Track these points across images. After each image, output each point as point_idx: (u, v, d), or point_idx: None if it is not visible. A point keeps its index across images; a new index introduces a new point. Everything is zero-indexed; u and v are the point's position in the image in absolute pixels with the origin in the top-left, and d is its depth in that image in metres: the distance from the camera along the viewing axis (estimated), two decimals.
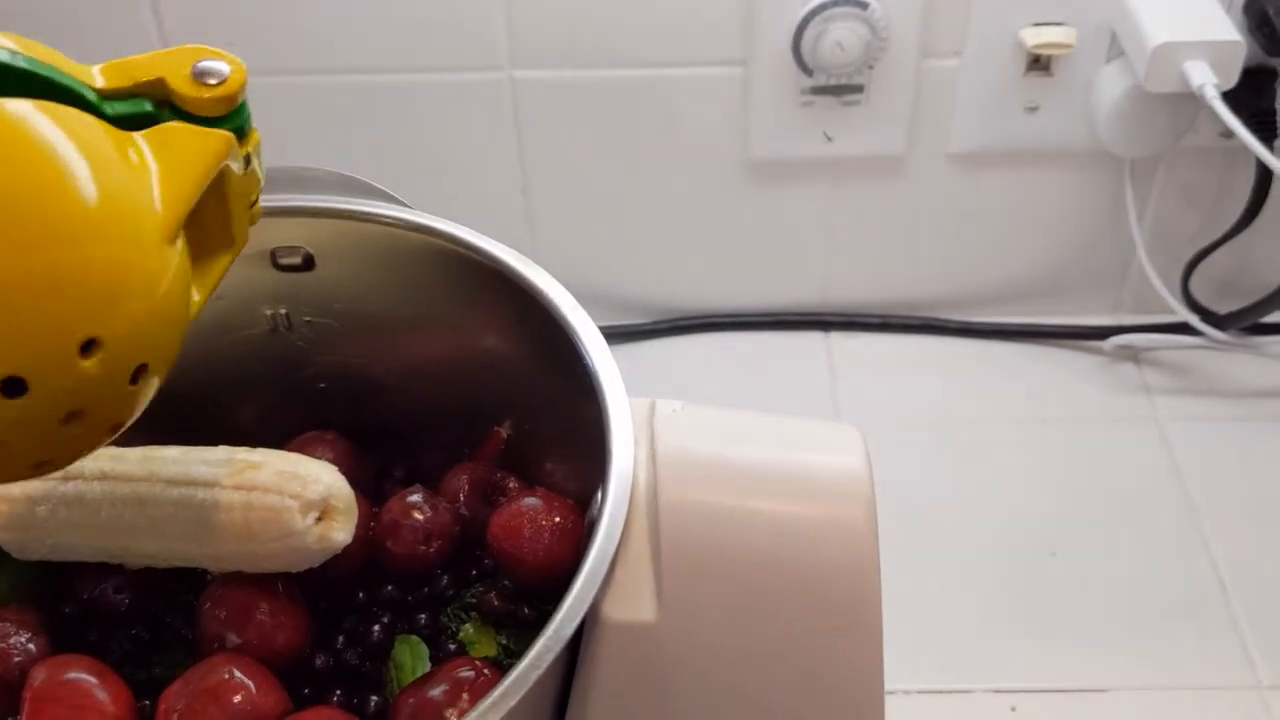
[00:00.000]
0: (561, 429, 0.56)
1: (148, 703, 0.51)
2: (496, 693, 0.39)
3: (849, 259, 1.06)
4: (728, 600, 0.42)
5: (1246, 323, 1.00)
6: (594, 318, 0.50)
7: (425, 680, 0.48)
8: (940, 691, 0.85)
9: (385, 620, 0.54)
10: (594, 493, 0.52)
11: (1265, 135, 0.88)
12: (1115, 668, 0.87)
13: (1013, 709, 0.85)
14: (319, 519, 0.49)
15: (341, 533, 0.49)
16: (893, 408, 1.03)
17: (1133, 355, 1.07)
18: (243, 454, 0.51)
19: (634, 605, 0.43)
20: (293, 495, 0.48)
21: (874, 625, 0.41)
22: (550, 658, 0.39)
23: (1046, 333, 1.07)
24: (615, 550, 0.42)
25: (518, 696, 0.38)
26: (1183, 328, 1.02)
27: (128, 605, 0.55)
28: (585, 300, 0.50)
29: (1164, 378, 1.05)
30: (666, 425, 0.45)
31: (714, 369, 1.06)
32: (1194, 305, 1.02)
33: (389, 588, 0.54)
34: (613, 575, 0.43)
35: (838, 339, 1.09)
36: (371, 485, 0.60)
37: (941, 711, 0.85)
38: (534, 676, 0.39)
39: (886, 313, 1.08)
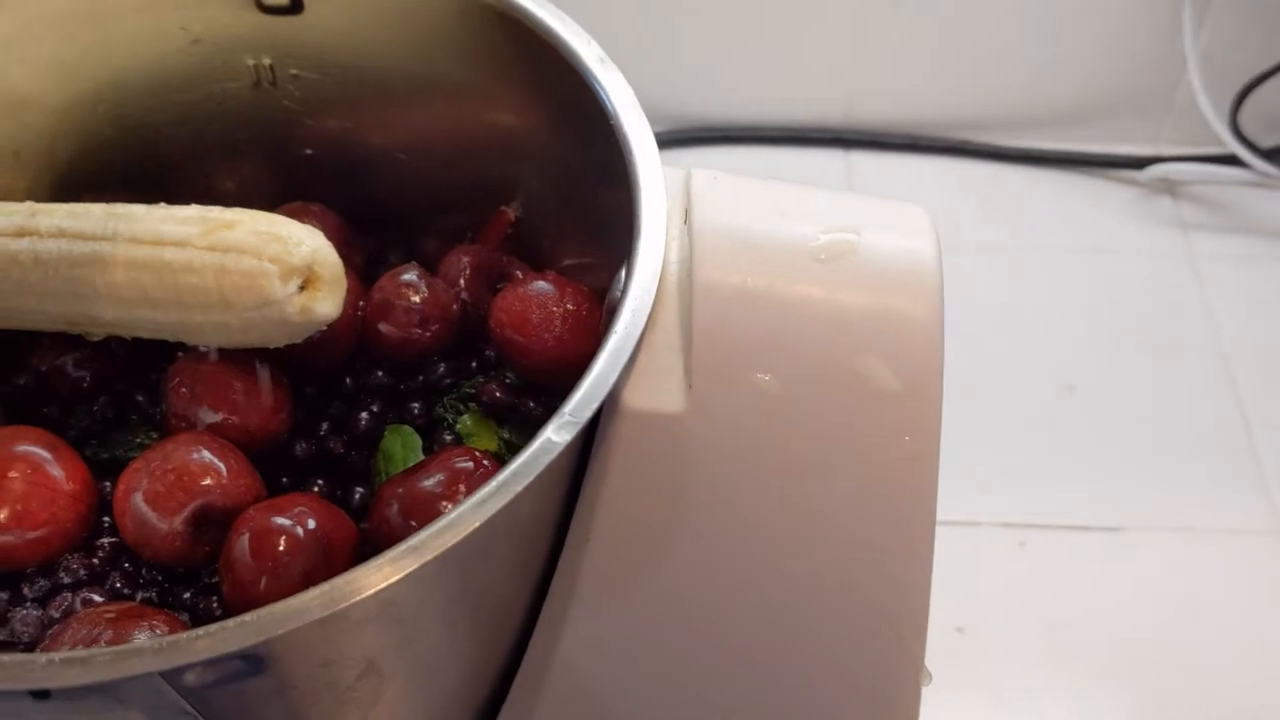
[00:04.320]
0: (578, 212, 0.50)
1: (108, 485, 0.46)
2: (502, 475, 0.34)
3: (877, 73, 0.99)
4: (766, 395, 0.37)
5: None
6: None
7: (417, 469, 0.43)
8: (946, 523, 0.81)
9: (375, 408, 0.49)
10: (612, 283, 0.46)
11: None
12: (1131, 507, 0.83)
13: (1021, 544, 0.81)
14: (301, 287, 0.43)
15: (326, 304, 0.44)
16: None
17: (1170, 188, 1.01)
18: (216, 212, 0.45)
19: (659, 394, 0.38)
20: (272, 259, 0.43)
21: (932, 434, 0.37)
22: (563, 443, 0.34)
23: (1080, 160, 1.01)
24: (642, 331, 0.37)
25: (524, 483, 0.34)
26: (1227, 160, 0.96)
27: (89, 382, 0.50)
28: None
29: (1201, 213, 1.00)
30: (705, 195, 0.39)
31: None
32: (1241, 137, 0.96)
33: (379, 374, 0.49)
34: (636, 360, 0.38)
35: (859, 159, 1.02)
36: (364, 271, 0.54)
37: (946, 543, 0.81)
38: (544, 462, 0.34)
39: (913, 133, 1.01)
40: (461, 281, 0.51)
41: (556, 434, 0.35)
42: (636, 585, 0.39)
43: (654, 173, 0.40)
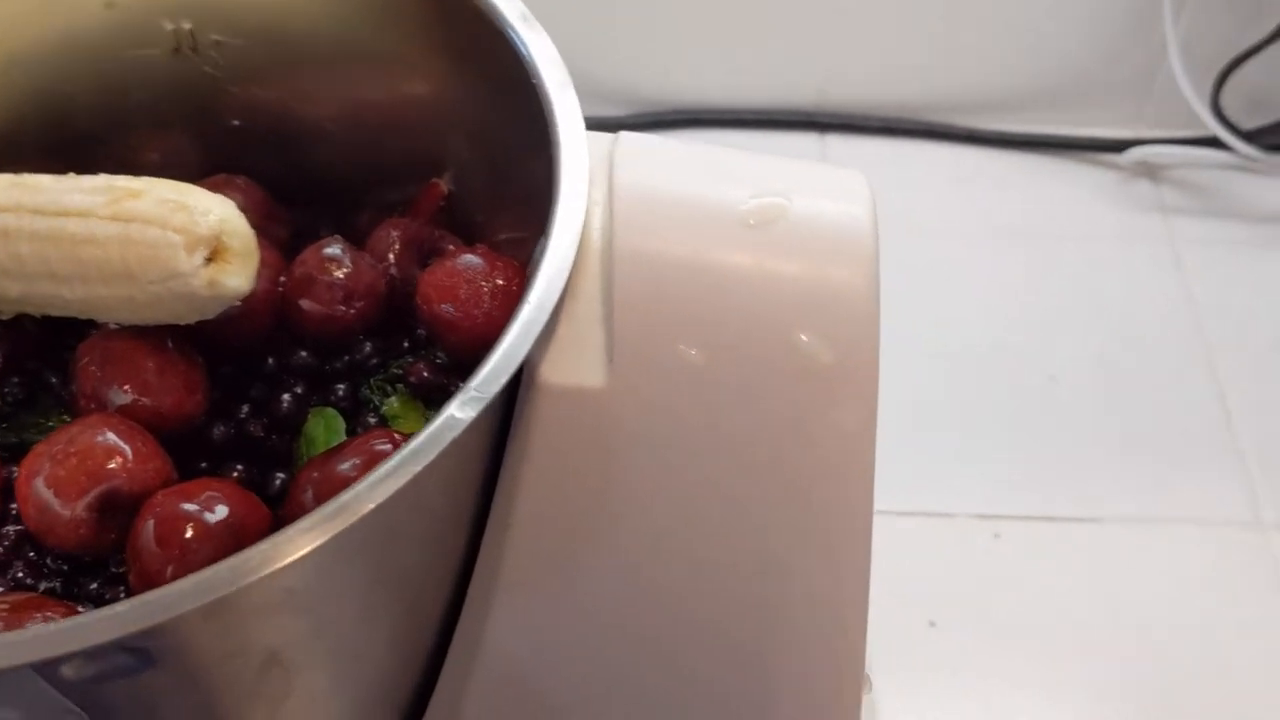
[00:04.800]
0: (509, 183, 0.48)
1: (15, 470, 0.43)
2: (401, 454, 0.31)
3: (852, 53, 0.97)
4: (692, 369, 0.35)
5: (1278, 140, 0.92)
6: None
7: (334, 453, 0.41)
8: (919, 514, 0.79)
9: (298, 390, 0.46)
10: (534, 254, 0.44)
11: None
12: (1109, 498, 0.81)
13: (996, 535, 0.79)
14: (209, 259, 0.41)
15: (236, 278, 0.41)
16: (890, 218, 0.95)
17: (1150, 172, 0.99)
18: (123, 181, 0.42)
19: (579, 368, 0.35)
20: (177, 229, 0.40)
21: (868, 410, 0.34)
22: (467, 420, 0.32)
23: (1059, 144, 0.99)
24: (558, 301, 0.34)
25: (424, 462, 0.31)
26: (1209, 142, 0.94)
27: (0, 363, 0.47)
28: None
29: (1182, 197, 0.97)
30: (629, 158, 0.37)
31: None
32: (1223, 119, 0.93)
33: (303, 354, 0.47)
34: (554, 332, 0.36)
35: (834, 142, 1.00)
36: (290, 246, 0.51)
37: (919, 535, 0.79)
38: (446, 439, 0.32)
39: (889, 116, 0.99)
40: (391, 256, 0.48)
41: (460, 410, 0.32)
42: (562, 569, 0.37)
43: (575, 132, 0.38)
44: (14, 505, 0.43)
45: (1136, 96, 0.98)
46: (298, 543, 0.30)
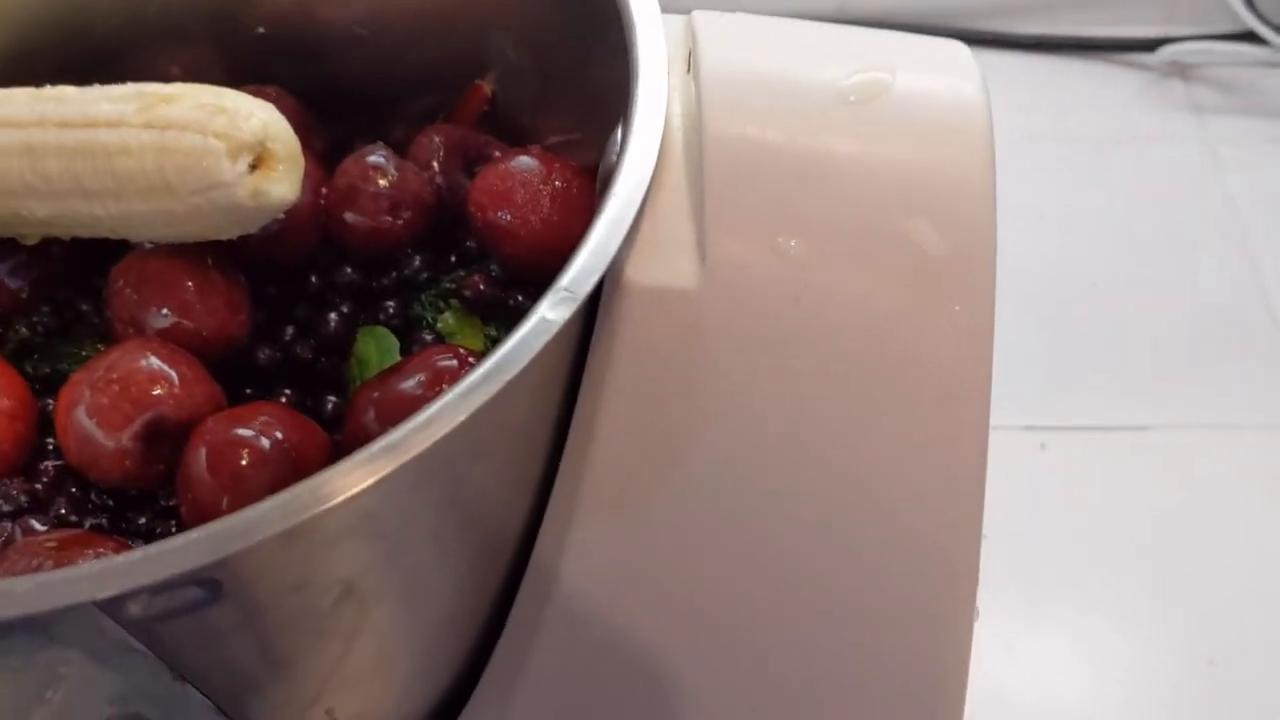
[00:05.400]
0: (562, 82, 0.45)
1: (50, 402, 0.41)
2: (490, 361, 0.29)
3: None
4: (792, 264, 0.32)
5: None
6: None
7: (394, 371, 0.39)
8: None
9: (345, 309, 0.44)
10: (607, 147, 0.41)
11: None
12: (1156, 405, 0.79)
13: (1042, 446, 0.77)
14: (253, 166, 0.38)
15: (282, 185, 0.39)
16: None
17: (1182, 71, 0.95)
18: (154, 87, 0.39)
19: (668, 268, 0.32)
20: (218, 134, 0.37)
21: (986, 304, 0.32)
22: (560, 321, 0.30)
23: (1088, 44, 0.96)
24: (645, 194, 0.32)
25: (517, 369, 0.29)
26: (1244, 37, 0.91)
27: (28, 291, 0.44)
28: None
29: (1216, 96, 0.94)
30: (712, 36, 0.34)
31: None
32: (1257, 12, 0.90)
33: (348, 270, 0.44)
34: (639, 229, 0.33)
35: None
36: (326, 160, 0.48)
37: None
38: (539, 344, 0.29)
39: (912, 22, 0.96)
40: (435, 164, 0.45)
41: (552, 311, 0.30)
42: (649, 490, 0.34)
43: (650, 12, 0.34)
44: (50, 439, 0.41)
45: None
46: (383, 460, 0.27)
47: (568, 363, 0.35)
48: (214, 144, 0.37)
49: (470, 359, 0.38)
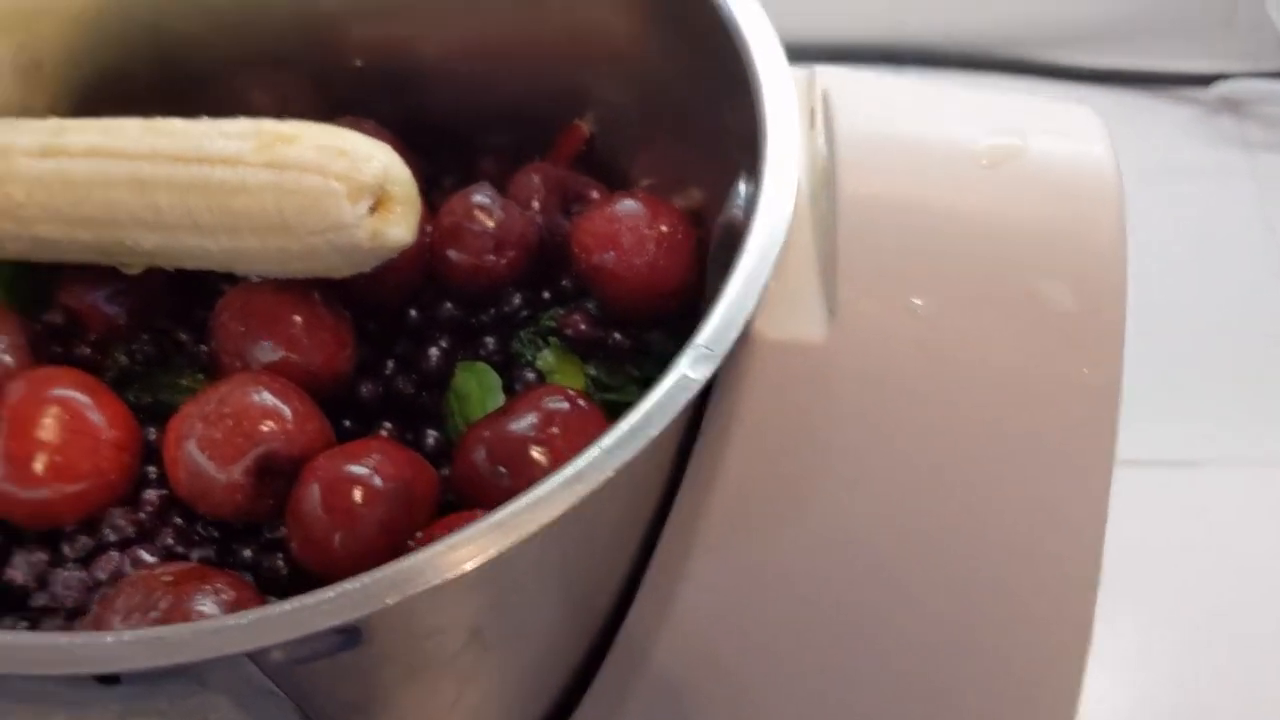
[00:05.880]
0: (664, 125, 0.45)
1: (153, 431, 0.41)
2: (634, 417, 0.29)
3: None
4: (922, 321, 0.32)
5: None
6: None
7: (505, 412, 0.39)
8: None
9: (444, 344, 0.44)
10: (711, 202, 0.42)
11: None
12: (1206, 441, 0.79)
13: None
14: (372, 209, 0.38)
15: (400, 228, 0.39)
16: None
17: (1234, 107, 0.96)
18: (271, 125, 0.40)
19: (797, 321, 0.33)
20: (338, 176, 0.38)
21: (1114, 364, 0.32)
22: (701, 380, 0.30)
23: (1140, 77, 0.96)
24: (780, 251, 0.32)
25: (661, 426, 0.29)
26: None
27: (126, 319, 0.45)
28: None
29: (1267, 132, 0.95)
30: (842, 94, 0.34)
31: None
32: None
33: (448, 305, 0.44)
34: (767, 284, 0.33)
35: (911, 76, 0.97)
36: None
37: None
38: (681, 401, 0.29)
39: (966, 50, 0.96)
40: (535, 203, 0.46)
41: (693, 369, 0.30)
42: (766, 534, 0.34)
43: (779, 73, 0.35)
44: (152, 469, 0.41)
45: (1221, 28, 0.95)
46: (541, 511, 0.28)
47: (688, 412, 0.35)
48: (335, 186, 0.38)
49: (580, 401, 0.39)
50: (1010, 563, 0.33)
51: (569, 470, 0.28)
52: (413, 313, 0.44)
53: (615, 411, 0.40)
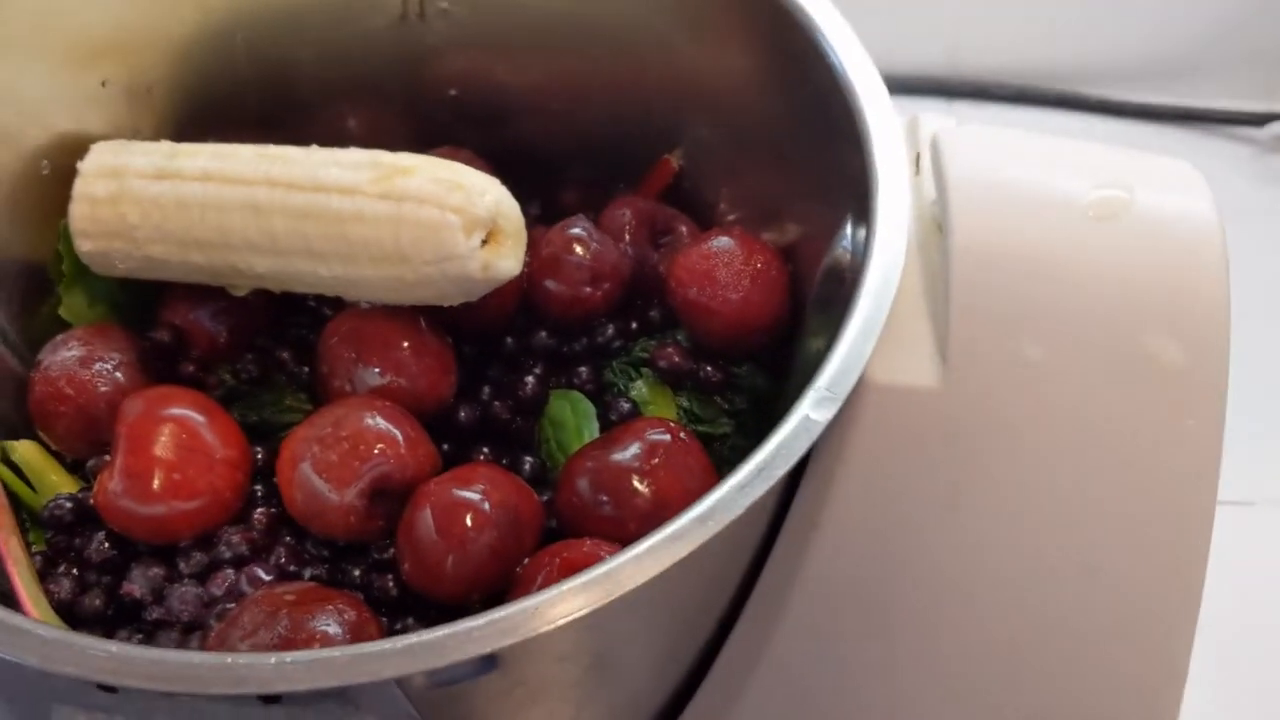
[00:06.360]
0: (756, 163, 0.46)
1: (260, 451, 0.42)
2: (759, 457, 0.30)
3: (982, 19, 0.94)
4: (1031, 368, 0.33)
5: None
6: None
7: (607, 441, 0.40)
8: None
9: (538, 371, 0.45)
10: (805, 239, 0.43)
11: None
12: (1261, 481, 0.79)
13: None
14: (484, 241, 0.40)
15: (509, 260, 0.40)
16: None
17: None
18: (388, 157, 0.41)
19: (909, 367, 0.34)
20: (455, 209, 0.39)
21: (1217, 417, 0.33)
22: (824, 423, 0.31)
23: (1195, 115, 0.96)
24: (894, 297, 0.33)
25: (786, 467, 0.30)
26: None
27: (226, 338, 0.46)
28: None
29: None
30: (952, 144, 0.35)
31: None
32: None
33: (543, 334, 0.45)
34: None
35: (964, 109, 0.98)
36: None
37: None
38: (805, 444, 0.30)
39: (1019, 84, 0.97)
40: (626, 236, 0.47)
41: (816, 411, 0.31)
42: (869, 575, 0.35)
43: (887, 119, 0.36)
44: (259, 487, 0.42)
45: (1276, 68, 0.96)
46: (677, 546, 0.29)
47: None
48: (451, 219, 0.39)
49: (681, 434, 0.40)
50: (1113, 605, 0.34)
51: (700, 508, 0.29)
52: (509, 340, 0.46)
53: (706, 443, 0.41)
